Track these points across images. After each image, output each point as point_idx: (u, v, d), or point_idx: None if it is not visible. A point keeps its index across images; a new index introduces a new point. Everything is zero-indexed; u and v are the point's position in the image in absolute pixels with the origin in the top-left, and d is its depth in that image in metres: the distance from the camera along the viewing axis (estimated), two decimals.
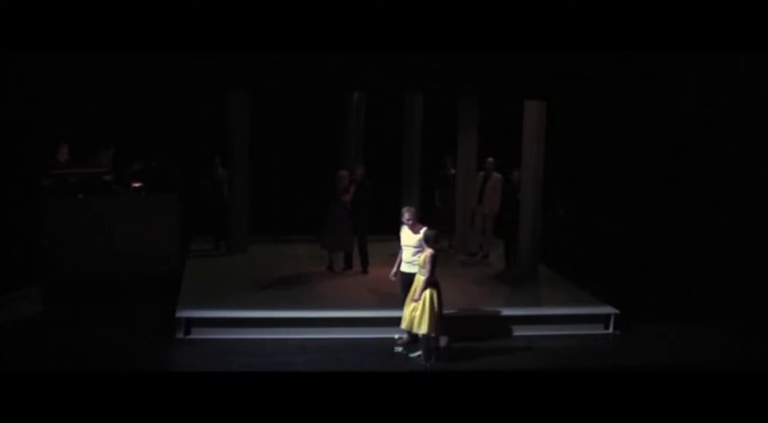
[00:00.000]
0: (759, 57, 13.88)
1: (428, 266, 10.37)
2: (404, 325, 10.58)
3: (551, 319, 11.83)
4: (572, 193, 16.27)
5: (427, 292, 10.37)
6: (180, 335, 11.05)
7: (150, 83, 14.89)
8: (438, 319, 10.39)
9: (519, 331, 11.63)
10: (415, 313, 10.38)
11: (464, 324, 11.45)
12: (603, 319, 11.90)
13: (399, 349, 10.87)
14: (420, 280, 10.44)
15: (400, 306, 10.67)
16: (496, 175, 14.53)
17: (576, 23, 10.91)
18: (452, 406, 8.22)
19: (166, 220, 13.95)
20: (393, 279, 11.16)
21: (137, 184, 14.11)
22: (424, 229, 10.60)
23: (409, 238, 10.84)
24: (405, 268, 10.88)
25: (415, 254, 10.71)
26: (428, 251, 10.45)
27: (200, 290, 12.26)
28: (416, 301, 10.37)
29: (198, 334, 11.12)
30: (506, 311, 11.96)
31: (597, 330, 11.85)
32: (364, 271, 13.48)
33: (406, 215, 10.88)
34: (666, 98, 15.62)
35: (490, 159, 14.66)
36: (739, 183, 15.44)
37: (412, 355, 10.66)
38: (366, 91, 15.36)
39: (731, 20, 10.34)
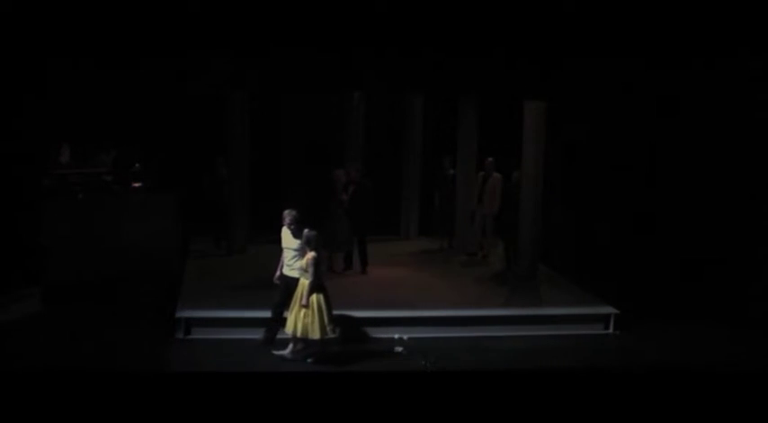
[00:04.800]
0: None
1: (311, 269, 10.15)
2: (289, 330, 10.31)
3: (551, 319, 11.82)
4: (571, 194, 16.24)
5: (314, 296, 10.16)
6: (180, 335, 11.06)
7: (150, 83, 14.87)
8: (330, 321, 10.20)
9: (519, 331, 11.63)
10: (307, 319, 10.15)
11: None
12: (603, 319, 11.90)
13: (399, 349, 10.86)
14: (305, 284, 10.22)
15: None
16: (496, 175, 14.52)
17: (576, 29, 10.96)
18: (452, 406, 8.22)
19: (166, 220, 13.95)
20: (276, 282, 10.83)
21: (137, 184, 14.11)
22: (305, 232, 10.38)
23: (289, 240, 10.64)
24: (285, 271, 10.69)
25: (294, 257, 10.54)
26: (310, 254, 10.22)
27: (201, 290, 12.27)
28: (305, 306, 10.13)
29: (198, 334, 11.13)
30: (506, 311, 11.97)
31: (597, 330, 11.85)
32: (363, 271, 13.48)
33: (287, 219, 10.66)
34: (662, 98, 15.61)
35: (490, 159, 14.66)
36: (738, 182, 15.42)
37: (308, 360, 10.40)
38: (366, 91, 15.35)
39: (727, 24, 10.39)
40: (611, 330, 11.84)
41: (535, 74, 12.73)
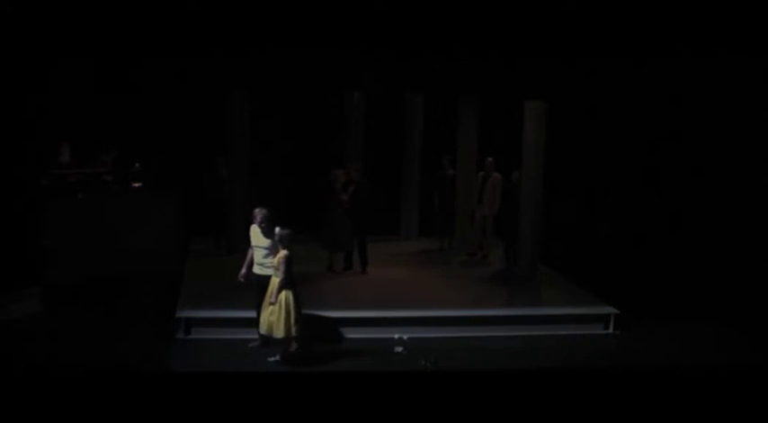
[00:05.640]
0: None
1: (282, 267, 10.12)
2: (262, 329, 10.34)
3: (551, 319, 11.82)
4: (571, 194, 16.25)
5: (283, 294, 10.13)
6: (180, 335, 11.05)
7: (151, 83, 14.89)
8: (296, 321, 10.16)
9: (519, 331, 11.63)
10: (273, 317, 10.15)
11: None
12: (603, 319, 11.89)
13: (399, 349, 10.86)
14: (275, 282, 10.20)
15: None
16: (496, 175, 14.52)
17: (576, 29, 10.97)
18: (452, 406, 8.23)
19: (167, 220, 13.93)
20: (241, 280, 10.84)
21: (137, 184, 14.10)
22: (277, 230, 10.33)
23: (259, 239, 10.61)
24: (257, 270, 10.67)
25: (266, 255, 10.52)
26: (282, 252, 10.19)
27: (200, 290, 12.26)
28: (273, 304, 10.13)
29: (198, 334, 11.12)
30: (506, 311, 11.96)
31: (597, 330, 11.85)
32: (363, 271, 13.47)
33: (258, 217, 10.61)
34: (661, 97, 15.62)
35: (490, 159, 14.66)
36: (739, 182, 15.44)
37: (270, 358, 10.36)
38: (366, 91, 15.35)
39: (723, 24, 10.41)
40: (611, 330, 11.83)
41: (535, 74, 12.74)
